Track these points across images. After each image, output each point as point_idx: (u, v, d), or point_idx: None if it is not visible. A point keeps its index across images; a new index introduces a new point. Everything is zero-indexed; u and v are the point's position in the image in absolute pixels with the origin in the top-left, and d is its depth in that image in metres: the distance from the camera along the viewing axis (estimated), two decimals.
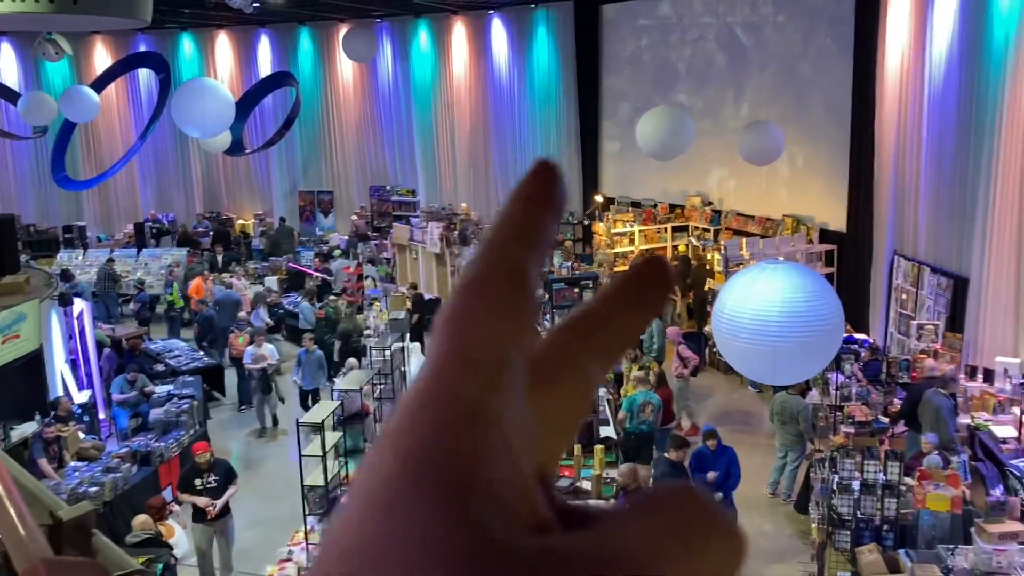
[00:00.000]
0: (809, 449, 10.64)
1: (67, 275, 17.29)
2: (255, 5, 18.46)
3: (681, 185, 19.36)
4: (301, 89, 21.64)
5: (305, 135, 24.63)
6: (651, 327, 13.73)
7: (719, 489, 8.85)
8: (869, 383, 10.90)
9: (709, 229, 18.28)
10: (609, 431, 11.35)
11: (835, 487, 7.73)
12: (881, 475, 7.60)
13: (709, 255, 17.68)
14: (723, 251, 15.71)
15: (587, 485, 10.21)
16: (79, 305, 13.54)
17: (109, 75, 21.72)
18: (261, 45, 24.75)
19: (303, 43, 24.55)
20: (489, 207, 22.96)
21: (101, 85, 20.48)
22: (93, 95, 18.22)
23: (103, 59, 24.10)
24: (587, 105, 21.47)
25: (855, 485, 7.65)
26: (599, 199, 20.48)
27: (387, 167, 24.64)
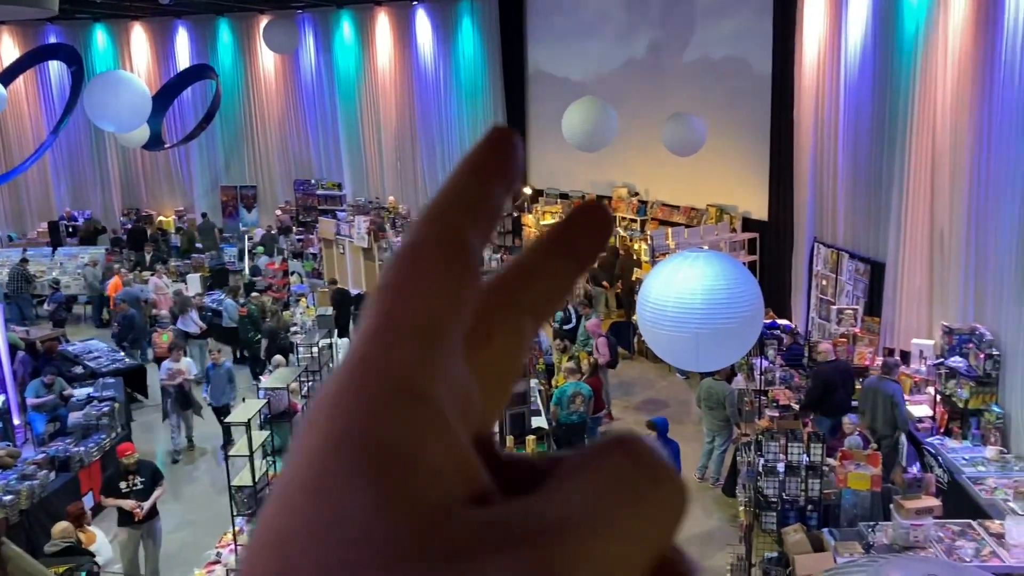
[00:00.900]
0: (735, 433, 10.85)
1: None
2: None
3: (608, 176, 19.54)
4: (222, 82, 21.15)
5: (226, 129, 24.13)
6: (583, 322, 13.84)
7: None
8: (791, 367, 11.17)
9: (636, 220, 18.50)
10: (541, 421, 11.41)
11: (761, 470, 7.90)
12: (804, 457, 7.79)
13: (636, 245, 17.89)
14: (650, 241, 15.90)
15: None
16: None
17: (17, 67, 20.86)
18: (179, 37, 24.13)
19: (223, 35, 24.01)
20: (417, 199, 22.83)
21: (8, 78, 19.67)
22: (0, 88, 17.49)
23: (10, 51, 23.19)
24: (513, 97, 21.50)
25: (780, 467, 7.83)
26: (528, 191, 20.54)
27: (312, 161, 24.30)
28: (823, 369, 10.14)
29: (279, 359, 12.24)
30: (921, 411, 10.16)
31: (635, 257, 17.44)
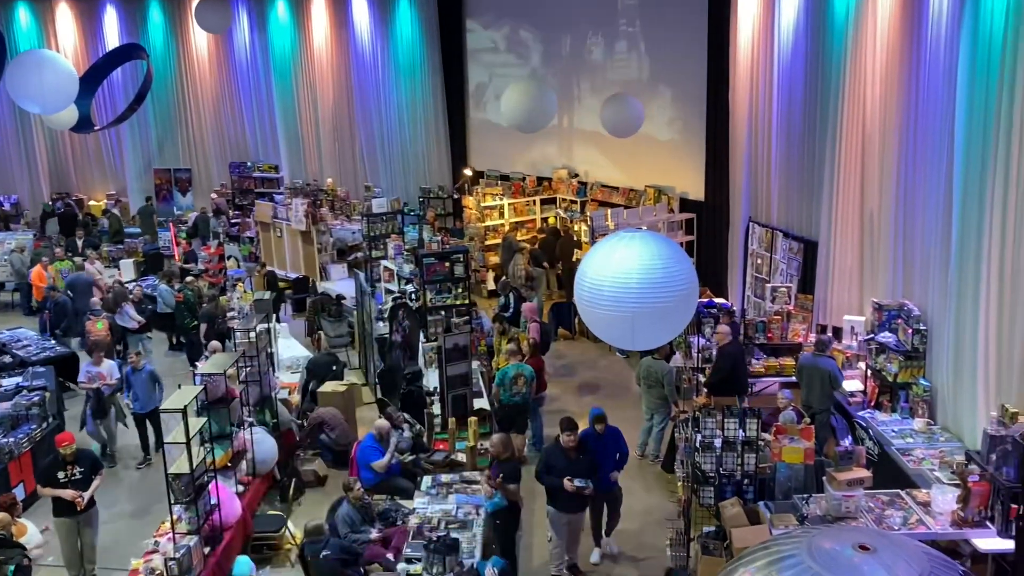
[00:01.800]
0: (674, 411, 11.03)
1: None
2: None
3: (548, 158, 19.58)
4: (153, 62, 20.56)
5: (159, 110, 23.56)
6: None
7: (607, 471, 8.87)
8: None
9: (576, 201, 18.59)
10: (483, 403, 11.46)
11: (698, 446, 8.03)
12: (741, 432, 7.94)
13: (576, 226, 18.00)
14: (589, 222, 16.00)
15: (462, 457, 10.29)
16: None
17: None
18: (107, 16, 23.42)
19: (153, 14, 23.38)
20: (356, 182, 22.60)
21: None
22: None
23: None
24: (453, 79, 21.35)
25: (717, 443, 7.96)
26: (468, 173, 20.47)
27: (247, 142, 23.86)
28: (729, 348, 10.34)
29: (216, 345, 12.03)
30: (853, 386, 10.43)
31: (575, 238, 17.54)
